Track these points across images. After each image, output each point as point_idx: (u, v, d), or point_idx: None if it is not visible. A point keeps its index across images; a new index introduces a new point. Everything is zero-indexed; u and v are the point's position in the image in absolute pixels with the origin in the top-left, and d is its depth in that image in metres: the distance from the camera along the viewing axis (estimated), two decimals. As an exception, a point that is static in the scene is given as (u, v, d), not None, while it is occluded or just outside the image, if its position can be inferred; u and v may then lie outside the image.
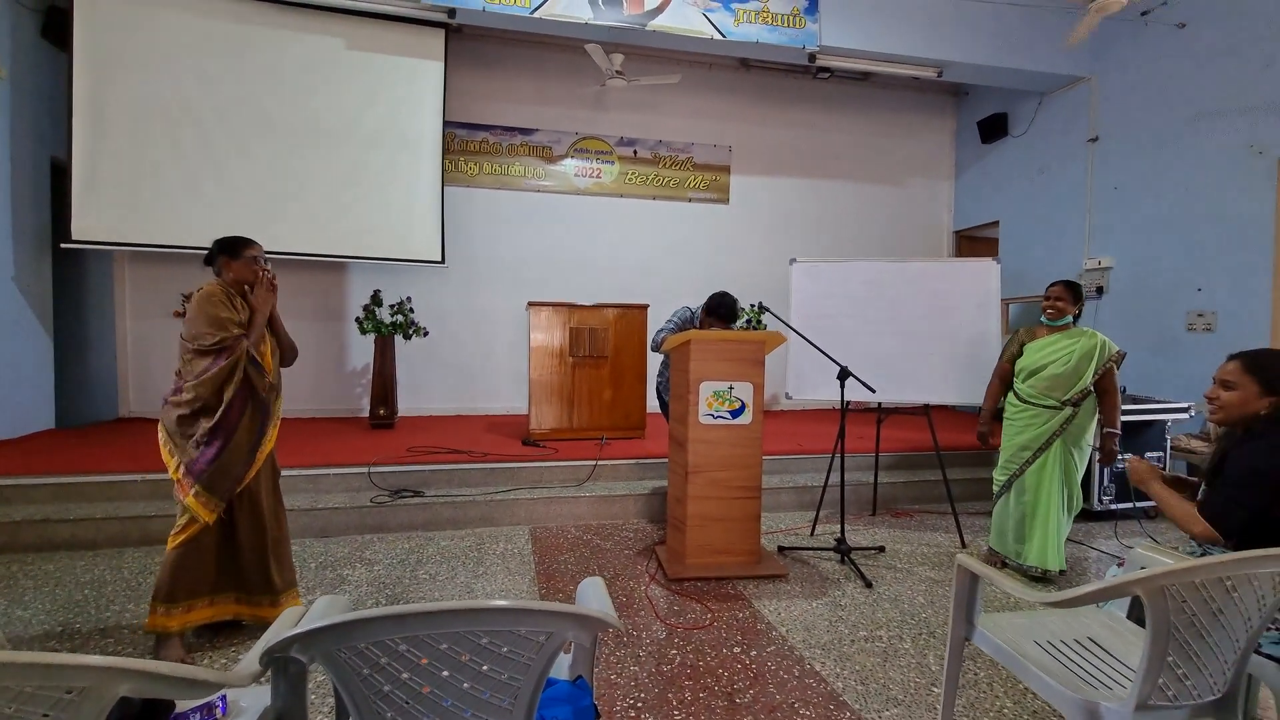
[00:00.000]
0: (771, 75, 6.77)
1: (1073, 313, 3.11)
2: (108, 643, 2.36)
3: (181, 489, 2.23)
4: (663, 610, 2.73)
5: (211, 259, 2.42)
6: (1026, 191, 6.38)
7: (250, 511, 2.38)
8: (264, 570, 2.38)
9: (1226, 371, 1.76)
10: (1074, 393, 3.01)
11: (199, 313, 2.26)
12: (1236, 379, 1.73)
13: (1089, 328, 3.11)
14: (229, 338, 2.26)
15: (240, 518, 2.36)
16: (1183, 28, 4.88)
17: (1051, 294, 3.14)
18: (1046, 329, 3.17)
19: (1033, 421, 3.10)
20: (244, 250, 2.41)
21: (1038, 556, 3.07)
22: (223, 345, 2.25)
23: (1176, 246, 4.91)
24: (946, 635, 2.49)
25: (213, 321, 2.25)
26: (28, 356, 4.69)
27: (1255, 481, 1.61)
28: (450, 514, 3.74)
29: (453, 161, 6.04)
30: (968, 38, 5.45)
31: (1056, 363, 3.04)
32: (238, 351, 2.27)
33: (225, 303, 2.31)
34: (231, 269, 2.38)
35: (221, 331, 2.25)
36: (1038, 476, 3.09)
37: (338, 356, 5.99)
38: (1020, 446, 3.13)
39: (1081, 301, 3.14)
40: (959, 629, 1.69)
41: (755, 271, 6.60)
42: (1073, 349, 3.03)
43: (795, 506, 4.21)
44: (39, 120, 4.81)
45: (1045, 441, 3.06)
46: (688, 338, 3.11)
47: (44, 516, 3.30)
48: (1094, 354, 3.00)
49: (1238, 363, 1.75)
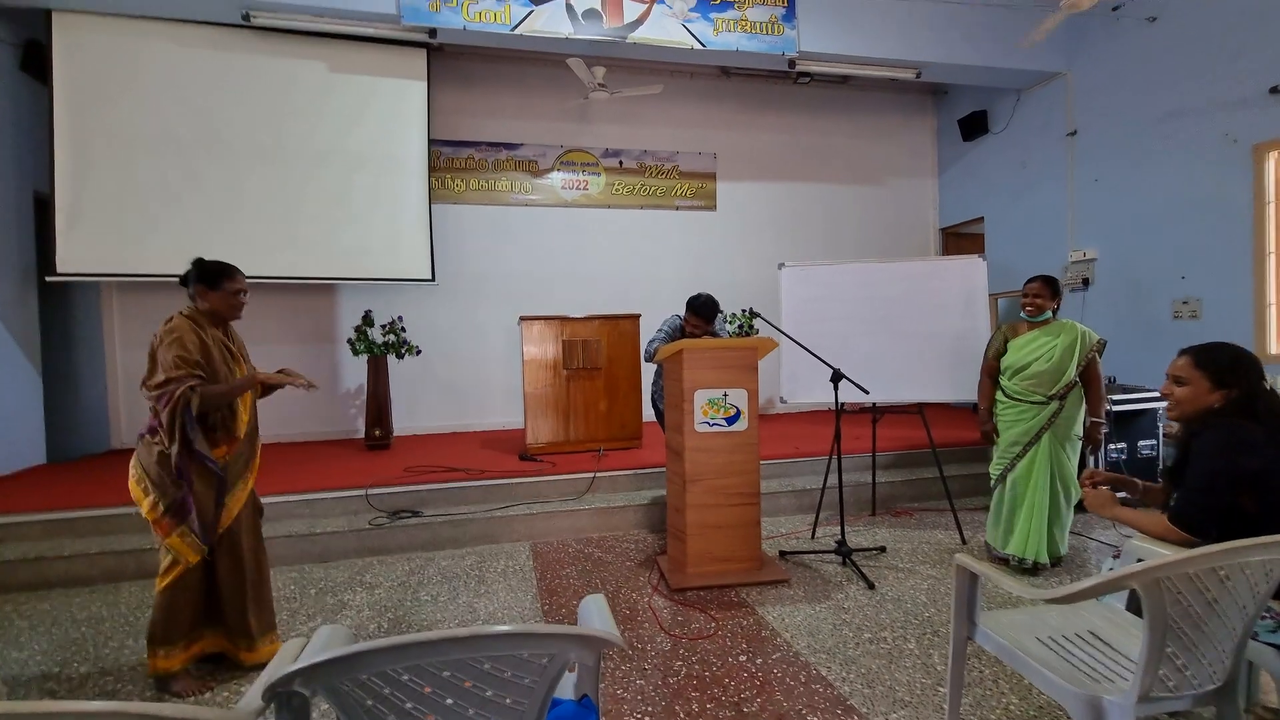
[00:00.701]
0: (752, 82, 6.83)
1: (1051, 307, 3.17)
2: (107, 680, 2.33)
3: (161, 529, 2.14)
4: (666, 621, 2.72)
5: (186, 282, 2.26)
6: (1009, 187, 6.45)
7: (230, 553, 2.28)
8: (241, 614, 2.29)
9: (1177, 368, 1.75)
10: (1060, 386, 3.06)
11: (159, 348, 2.12)
12: (1187, 374, 1.72)
13: (1068, 319, 3.17)
14: (172, 380, 2.08)
15: (219, 559, 2.26)
16: (1153, 21, 4.96)
17: (1029, 290, 3.19)
18: (1028, 325, 3.22)
19: (1021, 417, 3.14)
20: (224, 283, 2.25)
21: (1017, 546, 3.12)
22: (162, 392, 2.08)
23: (1159, 236, 4.97)
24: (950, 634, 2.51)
25: (164, 362, 2.10)
26: (16, 392, 4.65)
27: (1214, 483, 1.61)
28: (450, 533, 3.73)
29: (439, 179, 6.05)
30: (943, 39, 5.53)
31: (1040, 359, 3.09)
32: (174, 400, 2.06)
33: (186, 340, 2.12)
34: (208, 299, 2.24)
35: (169, 372, 2.08)
36: (1027, 470, 3.14)
37: (331, 379, 5.97)
38: (1010, 441, 3.18)
39: (1059, 296, 3.20)
40: (961, 629, 1.69)
41: (745, 276, 6.64)
42: (1055, 344, 3.08)
43: (795, 510, 4.22)
44: (20, 154, 4.79)
45: (1034, 435, 3.11)
46: (680, 347, 3.12)
47: (38, 554, 3.26)
48: (1076, 346, 3.06)
49: (1188, 358, 1.74)
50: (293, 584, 3.24)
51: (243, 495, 2.31)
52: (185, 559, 2.15)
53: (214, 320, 2.28)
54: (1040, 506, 3.09)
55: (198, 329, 2.20)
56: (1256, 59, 4.28)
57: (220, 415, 2.23)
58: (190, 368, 2.11)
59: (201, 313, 2.25)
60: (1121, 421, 4.10)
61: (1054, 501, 3.12)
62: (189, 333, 2.16)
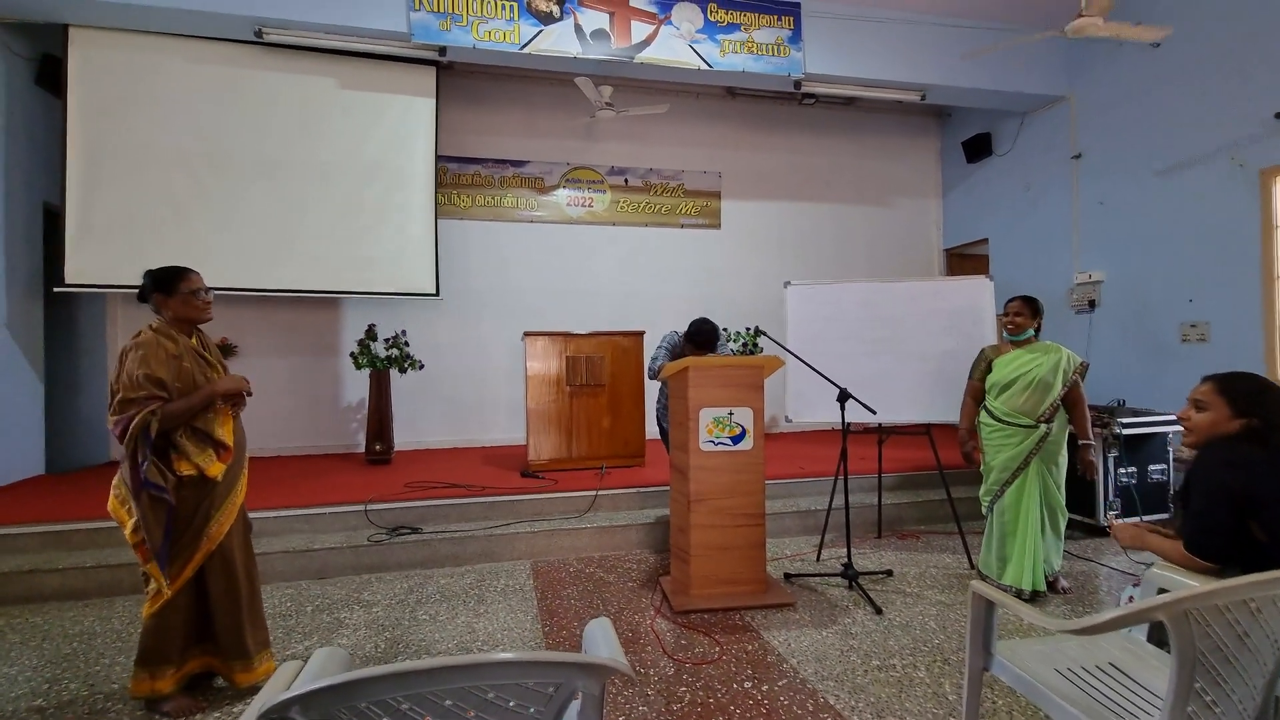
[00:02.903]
0: (758, 102, 6.89)
1: (1032, 327, 3.16)
2: (97, 699, 2.27)
3: (142, 554, 2.06)
4: (670, 645, 2.66)
5: (145, 296, 2.17)
6: (1014, 209, 6.46)
7: (223, 571, 2.20)
8: (238, 633, 2.21)
9: (1199, 393, 1.74)
10: (1045, 407, 3.04)
11: (127, 364, 2.03)
12: (1209, 400, 1.71)
13: (1051, 341, 3.16)
14: (132, 402, 1.99)
15: (212, 579, 2.18)
16: (1157, 47, 5.00)
17: (1010, 309, 3.20)
18: (1011, 345, 3.22)
19: (1007, 441, 3.11)
20: (179, 284, 2.16)
21: (1014, 576, 3.07)
22: (120, 417, 1.99)
23: (1165, 258, 4.96)
24: (961, 662, 2.44)
25: (125, 380, 2.00)
26: (19, 401, 4.63)
27: (1210, 502, 1.59)
28: (449, 550, 3.67)
29: (446, 195, 6.08)
30: (948, 61, 5.57)
31: (1025, 376, 3.07)
32: (132, 425, 1.97)
33: (150, 357, 2.03)
34: (169, 306, 2.16)
35: (130, 392, 1.99)
36: (1016, 497, 3.10)
37: (333, 392, 5.95)
38: (999, 467, 3.14)
39: (1040, 315, 3.20)
40: (977, 659, 1.64)
41: (749, 295, 6.63)
42: (1041, 361, 3.07)
43: (799, 531, 4.15)
44: (32, 166, 4.82)
45: (1023, 461, 3.08)
46: (686, 365, 3.09)
47: (32, 567, 3.21)
48: (1059, 366, 3.04)
49: (1211, 384, 1.73)
50: (289, 600, 3.18)
51: (232, 511, 2.24)
52: (162, 588, 2.07)
53: (183, 328, 2.20)
54: (1032, 535, 3.05)
55: (167, 340, 2.12)
56: (1262, 83, 4.30)
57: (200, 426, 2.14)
58: (152, 386, 2.02)
59: (169, 323, 2.17)
60: (1131, 445, 4.04)
61: (1045, 527, 3.09)
62: (155, 348, 2.07)
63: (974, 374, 3.35)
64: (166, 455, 2.08)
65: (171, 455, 2.10)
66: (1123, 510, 4.01)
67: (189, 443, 2.12)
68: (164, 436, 2.07)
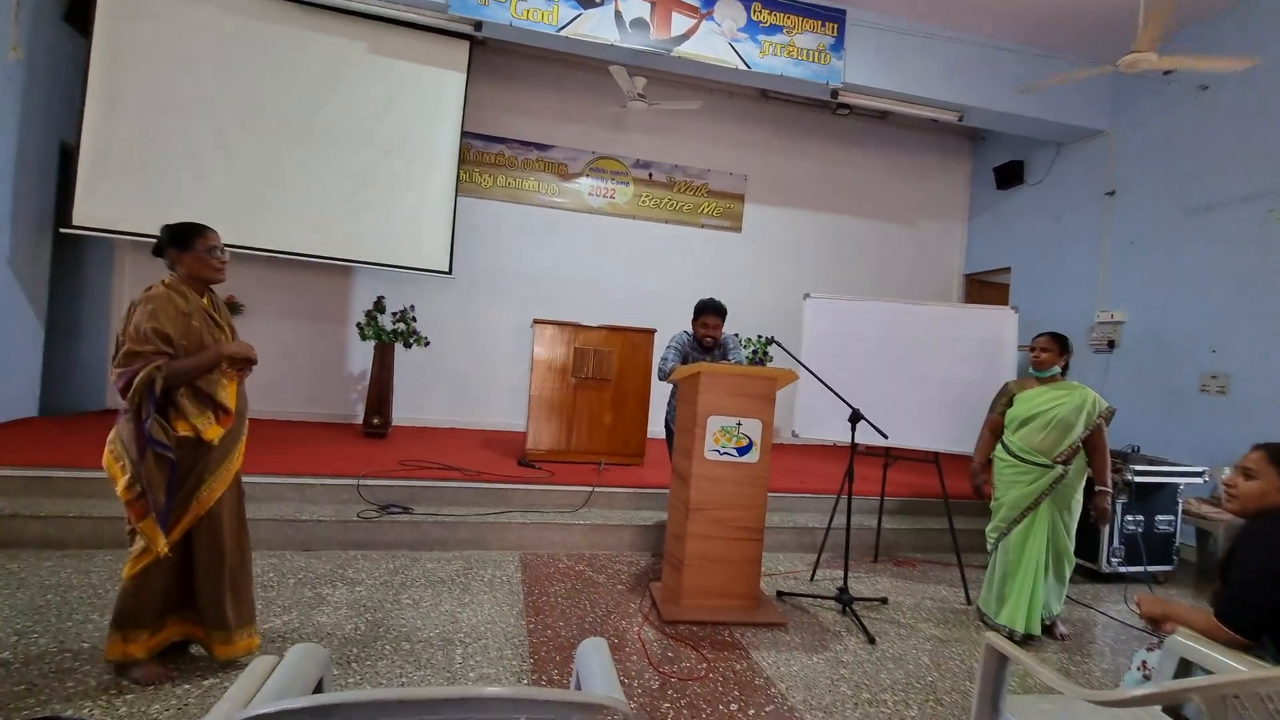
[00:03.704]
0: (790, 108, 6.77)
1: (1059, 364, 3.08)
2: (65, 657, 2.21)
3: (135, 512, 1.99)
4: (656, 656, 2.59)
5: (160, 250, 2.14)
6: (1040, 239, 6.34)
7: (210, 537, 2.14)
8: (219, 603, 2.14)
9: (1250, 460, 1.69)
10: (1064, 448, 2.95)
11: (136, 317, 1.99)
12: (1260, 469, 1.65)
13: (1078, 382, 3.07)
14: (138, 355, 1.95)
15: (198, 543, 2.13)
16: (1205, 89, 4.87)
17: (1037, 345, 3.12)
18: (1036, 381, 3.13)
19: (1020, 478, 3.03)
20: (195, 241, 2.13)
21: (1009, 617, 2.99)
22: (124, 369, 1.94)
23: (1191, 305, 4.85)
24: (954, 704, 2.37)
25: (133, 331, 1.96)
26: (16, 341, 4.56)
27: (1262, 580, 1.54)
28: (438, 534, 3.61)
29: (467, 172, 5.99)
30: (989, 84, 5.45)
31: (1045, 414, 2.98)
32: (136, 380, 1.92)
33: (160, 311, 2.00)
34: (183, 262, 2.12)
35: (137, 344, 1.95)
36: (1023, 537, 3.02)
37: (335, 361, 5.88)
38: (1009, 505, 3.06)
39: (1068, 354, 3.11)
40: (985, 715, 1.56)
41: (763, 302, 6.53)
42: (1065, 401, 2.98)
43: (795, 547, 4.08)
44: (51, 103, 4.74)
45: (1034, 501, 2.99)
46: (698, 369, 3.01)
47: (13, 511, 3.15)
48: (1083, 408, 2.95)
49: (1263, 453, 1.67)
50: (272, 570, 3.12)
51: (226, 477, 2.18)
52: (155, 548, 2.01)
53: (196, 286, 2.16)
54: (1033, 577, 2.97)
55: (179, 297, 2.08)
56: (1312, 137, 4.18)
57: (203, 387, 2.08)
58: (159, 342, 1.98)
59: (182, 280, 2.13)
60: (1141, 494, 3.95)
61: (1048, 570, 3.00)
62: (165, 303, 2.03)
63: (995, 407, 3.26)
64: (165, 413, 2.03)
65: (170, 413, 2.04)
66: (1126, 558, 3.92)
67: (189, 403, 2.06)
68: (165, 394, 2.01)
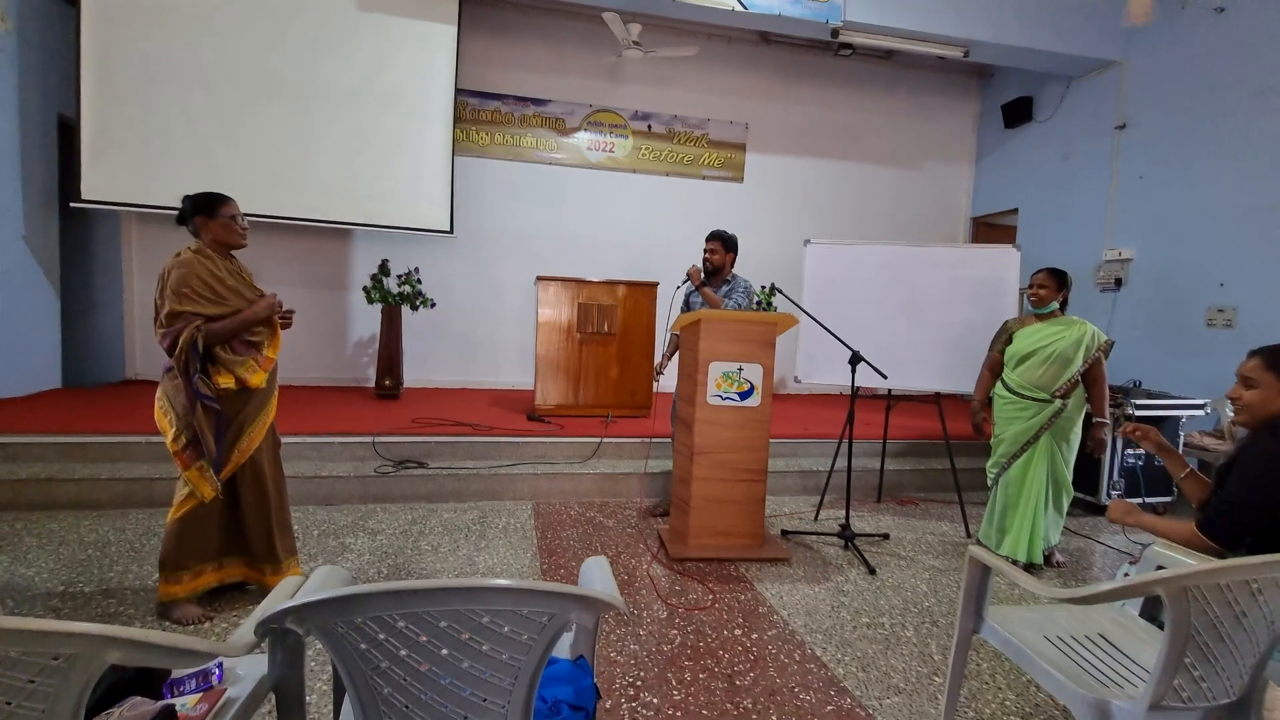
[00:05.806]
0: (791, 51, 6.59)
1: (1057, 300, 3.09)
2: (110, 602, 2.37)
3: (182, 461, 2.19)
4: (664, 589, 2.72)
5: (185, 218, 2.27)
6: (1048, 179, 6.23)
7: (254, 481, 2.35)
8: (268, 539, 2.37)
9: (1247, 369, 1.68)
10: (1062, 382, 2.99)
11: (170, 280, 2.13)
12: (1258, 376, 1.65)
13: (1077, 317, 3.08)
14: (179, 315, 2.11)
15: (244, 488, 2.33)
16: (1221, 12, 4.69)
17: (1035, 281, 3.13)
18: (1035, 318, 3.16)
19: (1020, 414, 3.08)
20: (220, 209, 2.27)
21: (1010, 548, 3.09)
22: (168, 330, 2.11)
23: (1200, 239, 4.78)
24: (949, 625, 2.48)
25: (170, 295, 2.11)
26: (35, 315, 4.68)
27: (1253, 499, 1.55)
28: (454, 486, 3.74)
29: (464, 131, 5.94)
30: (996, 16, 5.27)
31: (1045, 348, 3.02)
32: (180, 338, 2.09)
33: (192, 276, 2.14)
34: (209, 229, 2.26)
35: (177, 305, 2.10)
36: (1023, 471, 3.09)
37: (343, 325, 5.97)
38: (1009, 440, 3.12)
39: (1067, 289, 3.12)
40: (968, 621, 1.66)
41: (768, 251, 6.48)
42: (1063, 335, 3.01)
43: (800, 491, 4.19)
44: (46, 75, 4.73)
45: (1033, 435, 3.05)
46: (698, 316, 3.05)
47: (49, 475, 3.31)
48: (1082, 342, 2.98)
49: (1259, 360, 1.66)
50: (296, 524, 3.23)
51: (262, 430, 2.37)
52: (201, 494, 2.20)
53: (221, 251, 2.30)
54: (1033, 509, 3.05)
55: (207, 260, 2.22)
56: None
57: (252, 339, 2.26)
58: (196, 301, 2.14)
59: (208, 246, 2.27)
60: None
61: (1048, 502, 3.08)
62: (195, 265, 2.18)
63: (995, 346, 3.29)
64: (206, 370, 2.19)
65: (210, 369, 2.20)
66: (1126, 491, 4.00)
67: (229, 355, 2.23)
68: (206, 351, 2.17)
